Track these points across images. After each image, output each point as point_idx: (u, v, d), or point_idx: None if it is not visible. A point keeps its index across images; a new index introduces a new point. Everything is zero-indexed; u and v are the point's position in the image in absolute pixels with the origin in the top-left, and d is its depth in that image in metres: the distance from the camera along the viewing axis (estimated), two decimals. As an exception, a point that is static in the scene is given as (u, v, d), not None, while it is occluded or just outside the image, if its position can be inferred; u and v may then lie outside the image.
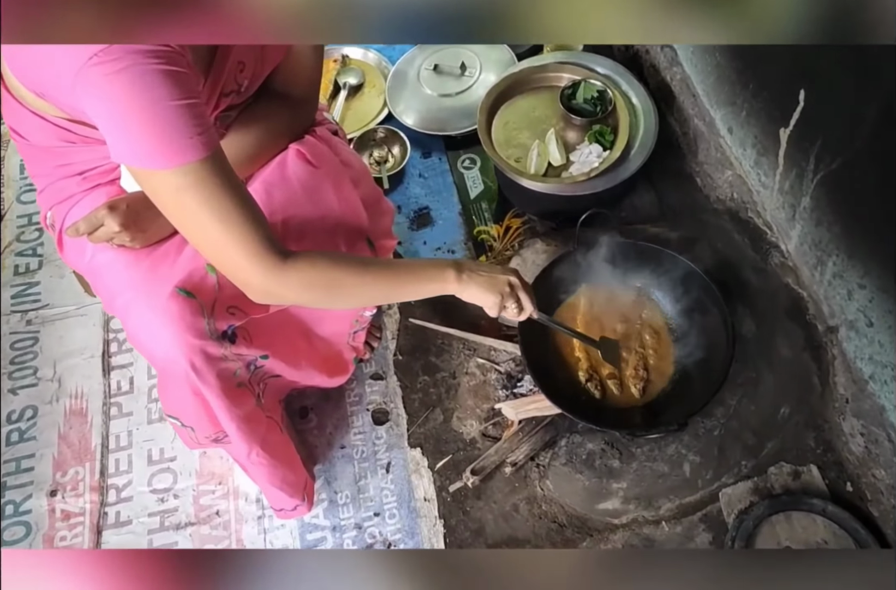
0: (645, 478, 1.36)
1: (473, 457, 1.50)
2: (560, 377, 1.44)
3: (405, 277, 1.05)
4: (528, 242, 1.64)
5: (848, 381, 1.40)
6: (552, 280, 1.48)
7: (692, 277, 1.42)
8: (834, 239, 1.33)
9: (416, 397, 1.59)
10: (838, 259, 1.34)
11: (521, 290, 1.11)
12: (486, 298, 1.09)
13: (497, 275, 1.09)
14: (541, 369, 1.40)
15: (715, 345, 1.38)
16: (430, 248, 1.80)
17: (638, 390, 1.40)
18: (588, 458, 1.38)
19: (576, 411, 1.32)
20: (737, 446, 1.39)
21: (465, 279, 1.06)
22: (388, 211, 1.35)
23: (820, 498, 1.38)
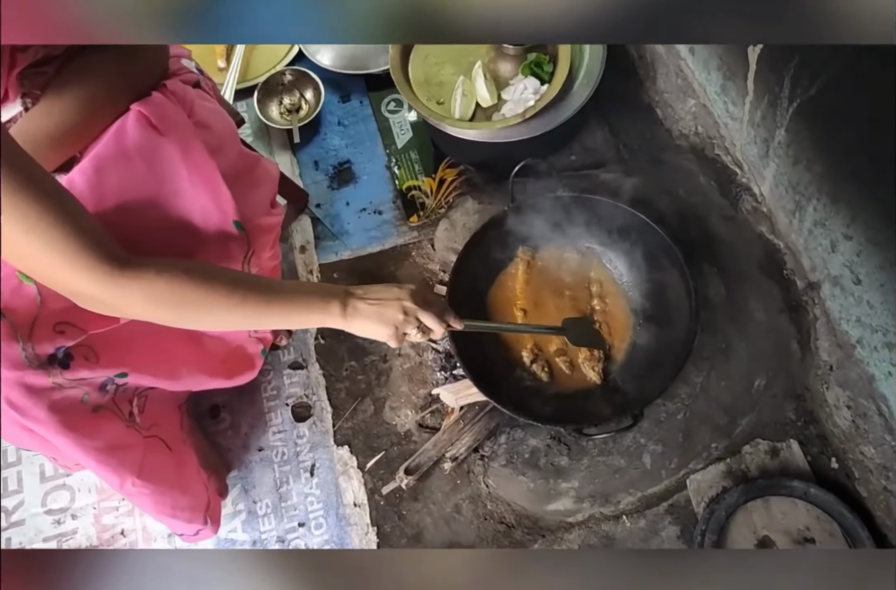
0: (599, 474, 1.18)
1: (409, 452, 1.32)
2: (498, 359, 1.24)
3: (280, 305, 0.86)
4: (458, 201, 1.40)
5: (832, 345, 1.20)
6: (485, 246, 1.26)
7: (648, 234, 1.20)
8: (815, 180, 1.11)
9: (342, 387, 1.40)
10: (820, 204, 1.12)
11: (421, 312, 0.90)
12: (378, 332, 0.90)
13: (387, 301, 0.89)
14: (472, 349, 1.20)
15: (677, 314, 1.17)
16: (354, 209, 1.56)
17: (597, 373, 1.20)
18: (531, 456, 1.19)
19: (512, 402, 1.12)
20: (705, 428, 1.20)
21: (350, 313, 0.88)
22: (267, 179, 1.10)
23: (801, 480, 1.20)
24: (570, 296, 1.27)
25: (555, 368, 1.23)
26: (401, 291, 0.90)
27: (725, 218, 1.31)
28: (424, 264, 1.48)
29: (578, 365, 1.22)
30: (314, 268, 1.50)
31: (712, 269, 1.25)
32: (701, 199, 1.33)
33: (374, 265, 1.50)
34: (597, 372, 1.20)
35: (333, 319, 0.88)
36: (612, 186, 1.35)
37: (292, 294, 0.87)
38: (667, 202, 1.31)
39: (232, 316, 0.85)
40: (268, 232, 1.05)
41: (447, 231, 1.37)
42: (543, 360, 1.23)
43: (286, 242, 1.53)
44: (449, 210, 1.41)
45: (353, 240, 1.52)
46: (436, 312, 0.91)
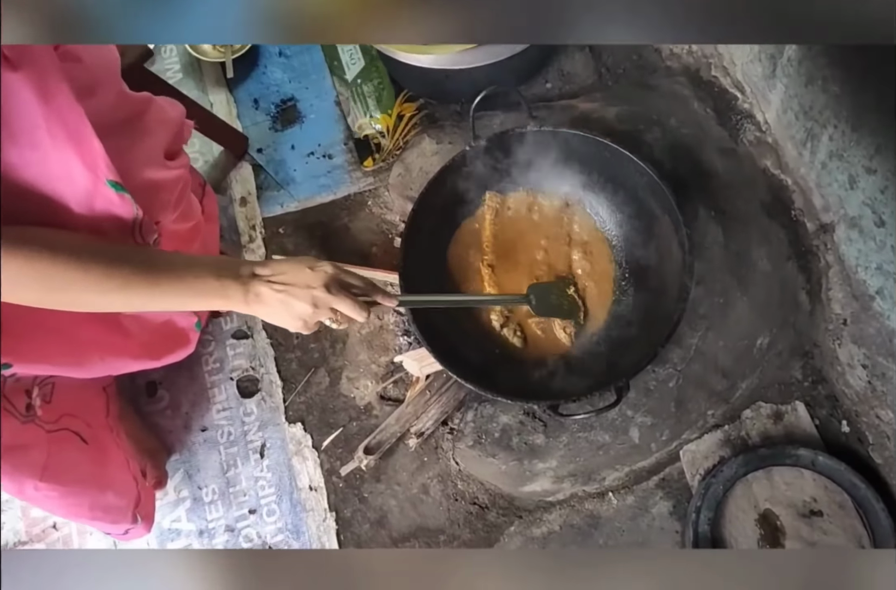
0: (580, 452, 1.03)
1: (370, 428, 1.18)
2: (462, 323, 1.08)
3: (170, 287, 0.71)
4: (414, 141, 1.21)
5: (847, 297, 1.04)
6: (445, 193, 1.08)
7: (635, 174, 1.02)
8: (831, 103, 0.94)
9: (293, 357, 1.24)
10: (837, 132, 0.95)
11: (336, 301, 0.75)
12: (283, 323, 0.76)
13: (295, 289, 0.73)
14: (432, 313, 1.04)
15: (668, 267, 1.01)
16: (300, 153, 1.37)
17: (567, 335, 1.04)
18: (502, 436, 1.05)
19: (478, 374, 0.97)
20: (700, 394, 1.06)
21: (252, 299, 0.73)
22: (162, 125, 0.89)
23: (808, 447, 1.07)
24: (544, 248, 1.10)
25: (528, 333, 1.07)
26: (313, 276, 0.73)
27: (724, 151, 1.13)
28: (382, 215, 1.30)
29: (551, 328, 1.06)
30: (257, 223, 1.32)
31: (709, 212, 1.07)
32: (695, 129, 1.15)
33: (326, 217, 1.32)
34: (567, 334, 1.04)
35: (234, 304, 0.73)
36: (593, 118, 1.16)
37: (183, 274, 0.70)
38: (656, 135, 1.13)
39: (111, 300, 0.70)
40: (164, 190, 0.87)
41: (401, 177, 1.19)
42: (515, 323, 1.07)
43: (224, 193, 1.34)
44: (403, 152, 1.22)
45: (301, 189, 1.34)
46: (354, 299, 0.76)
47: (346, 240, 1.30)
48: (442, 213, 1.09)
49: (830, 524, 1.05)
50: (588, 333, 1.04)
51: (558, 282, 1.04)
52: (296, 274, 0.73)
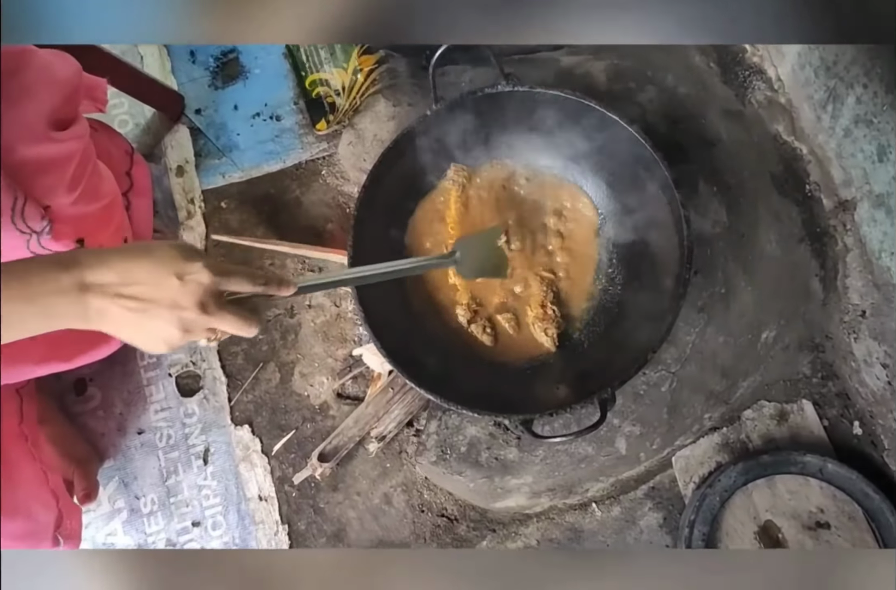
0: (559, 466, 0.91)
1: (326, 430, 1.05)
2: (423, 318, 0.94)
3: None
4: (367, 103, 1.04)
5: (867, 285, 0.91)
6: (403, 167, 0.92)
7: (625, 141, 0.86)
8: (862, 57, 0.79)
9: (239, 350, 1.10)
10: (867, 93, 0.80)
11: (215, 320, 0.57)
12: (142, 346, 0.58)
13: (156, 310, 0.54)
14: (386, 307, 0.90)
15: (662, 254, 0.87)
16: (244, 114, 1.19)
17: (550, 338, 0.90)
18: (470, 450, 0.92)
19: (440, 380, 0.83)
20: (696, 397, 0.93)
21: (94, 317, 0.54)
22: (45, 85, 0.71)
23: (815, 454, 0.95)
24: (518, 228, 0.95)
25: (500, 329, 0.93)
26: (181, 292, 0.54)
27: (729, 114, 0.97)
28: (338, 186, 1.14)
29: (527, 324, 0.92)
30: (195, 195, 1.16)
31: (710, 187, 0.92)
32: (696, 88, 0.98)
33: (274, 189, 1.16)
34: (550, 337, 0.90)
35: (70, 323, 0.54)
36: (577, 74, 0.99)
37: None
38: (650, 95, 0.97)
39: None
40: (52, 167, 0.71)
41: (352, 146, 1.03)
42: (484, 318, 0.93)
43: (158, 162, 1.18)
44: (355, 116, 1.05)
45: (245, 156, 1.17)
46: (238, 314, 0.58)
47: (297, 215, 1.14)
48: (400, 189, 0.94)
49: (838, 538, 0.94)
50: (570, 331, 0.91)
51: (488, 232, 0.89)
52: (156, 287, 0.54)
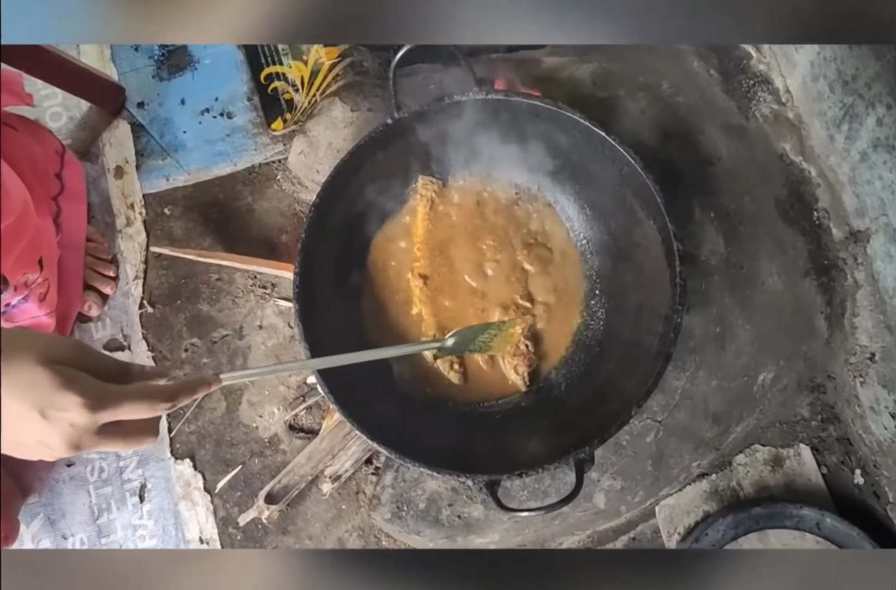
0: (530, 523, 0.81)
1: (276, 466, 0.95)
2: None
3: None
4: (322, 106, 0.92)
5: (878, 326, 0.81)
6: (361, 181, 0.81)
7: (612, 161, 0.76)
8: (886, 73, 0.69)
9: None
10: (890, 114, 0.70)
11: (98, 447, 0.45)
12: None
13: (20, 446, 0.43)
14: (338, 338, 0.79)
15: (651, 288, 0.76)
16: (192, 110, 1.07)
17: (521, 377, 0.80)
18: (429, 507, 0.82)
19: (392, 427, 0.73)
20: (685, 446, 0.84)
21: None
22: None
23: (812, 507, 0.87)
24: (494, 252, 0.85)
25: (469, 366, 0.83)
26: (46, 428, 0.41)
27: (731, 129, 0.86)
28: (295, 193, 1.03)
29: (498, 360, 0.82)
30: (136, 200, 1.04)
31: (706, 212, 0.82)
32: (694, 97, 0.87)
33: (224, 195, 1.04)
34: (521, 375, 0.80)
35: None
36: (561, 79, 0.88)
37: None
38: (642, 104, 0.85)
39: None
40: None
41: (304, 156, 0.91)
42: (454, 355, 0.83)
43: (95, 162, 1.05)
44: (308, 121, 0.93)
45: (192, 157, 1.05)
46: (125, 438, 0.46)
47: (248, 224, 1.03)
48: (357, 205, 0.83)
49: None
50: (545, 370, 0.81)
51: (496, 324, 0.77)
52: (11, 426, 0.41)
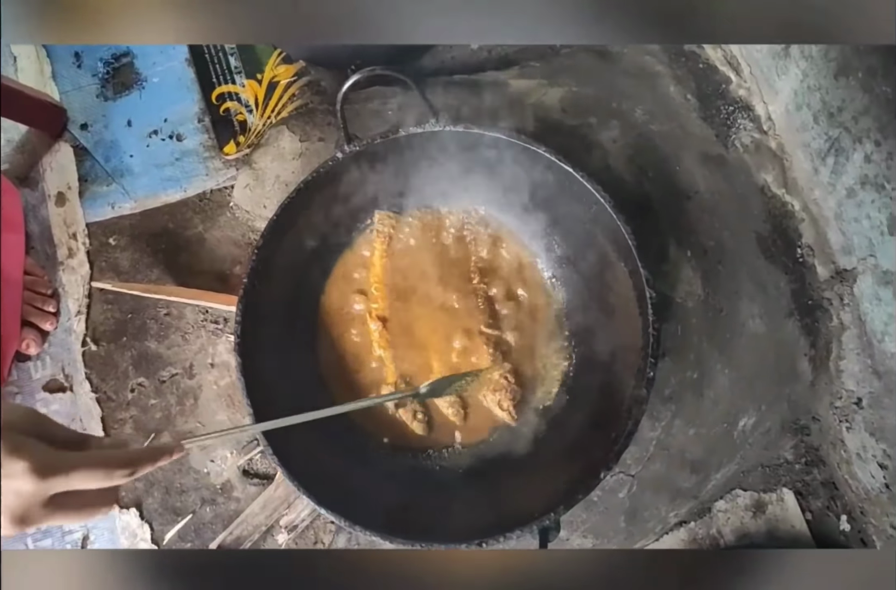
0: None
1: (228, 515, 0.89)
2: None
3: None
4: (270, 135, 0.85)
5: (865, 371, 0.76)
6: (309, 218, 0.75)
7: (580, 199, 0.70)
8: (875, 107, 0.65)
9: (127, 417, 0.93)
10: (880, 151, 0.66)
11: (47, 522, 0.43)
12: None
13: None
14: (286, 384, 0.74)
15: (621, 334, 0.71)
16: (139, 132, 1.00)
17: (508, 412, 0.75)
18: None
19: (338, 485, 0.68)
20: (660, 499, 0.78)
21: None
22: None
23: (796, 557, 0.81)
24: (457, 291, 0.79)
25: (435, 414, 0.77)
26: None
27: (708, 159, 0.81)
28: (249, 221, 0.96)
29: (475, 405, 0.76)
30: (79, 230, 0.98)
31: (683, 251, 0.76)
32: (670, 125, 0.82)
33: (173, 223, 0.98)
34: (507, 410, 0.75)
35: None
36: (527, 105, 0.82)
37: None
38: (614, 133, 0.80)
39: None
40: None
41: (250, 190, 0.84)
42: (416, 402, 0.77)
43: (35, 188, 0.99)
44: (254, 152, 0.86)
45: (139, 183, 0.99)
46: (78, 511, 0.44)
47: (199, 255, 0.96)
48: (308, 244, 0.77)
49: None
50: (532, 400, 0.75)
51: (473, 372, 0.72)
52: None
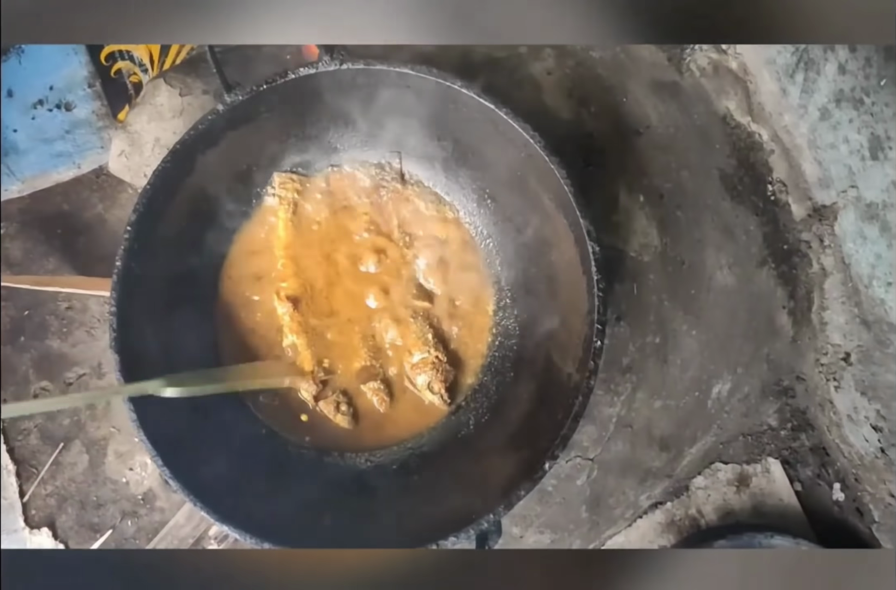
0: None
1: (153, 527, 0.80)
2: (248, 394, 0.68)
3: None
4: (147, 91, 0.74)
5: (852, 322, 0.66)
6: (194, 185, 0.64)
7: (508, 141, 0.59)
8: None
9: (31, 427, 0.83)
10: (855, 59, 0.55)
11: None
12: None
13: None
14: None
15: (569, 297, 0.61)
16: (22, 102, 0.88)
17: (440, 395, 0.65)
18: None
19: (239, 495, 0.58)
20: (628, 482, 0.69)
21: None
22: None
23: (786, 534, 0.73)
24: (379, 259, 0.68)
25: (362, 406, 0.67)
26: None
27: (660, 87, 0.69)
28: (153, 197, 0.85)
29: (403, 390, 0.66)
30: (-41, 218, 0.86)
31: (635, 197, 0.65)
32: (613, 50, 0.70)
33: (68, 205, 0.86)
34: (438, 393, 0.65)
35: None
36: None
37: None
38: (548, 63, 0.68)
39: None
40: None
41: (126, 157, 0.73)
42: (338, 391, 0.67)
43: None
44: (129, 113, 0.74)
45: (27, 161, 0.87)
46: None
47: (101, 239, 0.85)
48: (196, 217, 0.65)
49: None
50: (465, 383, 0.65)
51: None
52: None
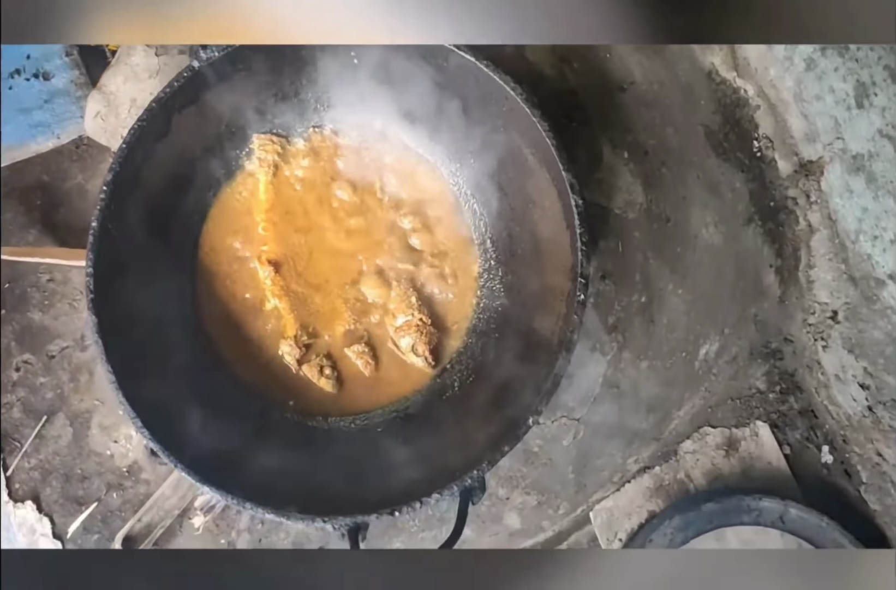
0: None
1: (139, 500, 0.79)
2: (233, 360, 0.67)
3: None
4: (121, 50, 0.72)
5: (839, 279, 0.66)
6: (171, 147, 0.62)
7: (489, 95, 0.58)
8: None
9: (14, 400, 0.82)
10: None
11: None
12: None
13: None
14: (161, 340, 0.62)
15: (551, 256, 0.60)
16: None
17: (424, 358, 0.64)
18: (296, 552, 0.67)
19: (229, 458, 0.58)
20: (614, 444, 0.68)
21: None
22: None
23: (773, 497, 0.72)
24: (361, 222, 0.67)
25: (347, 370, 0.66)
26: None
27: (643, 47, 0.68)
28: (133, 167, 0.84)
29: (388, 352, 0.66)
30: (-64, 191, 0.85)
31: (619, 153, 0.64)
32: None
33: (48, 176, 0.84)
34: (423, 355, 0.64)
35: None
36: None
37: None
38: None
39: None
40: None
41: (101, 119, 0.72)
42: (321, 356, 0.66)
43: None
44: (104, 74, 0.73)
45: (4, 132, 0.85)
46: None
47: (82, 210, 0.83)
48: (174, 180, 0.64)
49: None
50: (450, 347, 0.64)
51: None
52: None
